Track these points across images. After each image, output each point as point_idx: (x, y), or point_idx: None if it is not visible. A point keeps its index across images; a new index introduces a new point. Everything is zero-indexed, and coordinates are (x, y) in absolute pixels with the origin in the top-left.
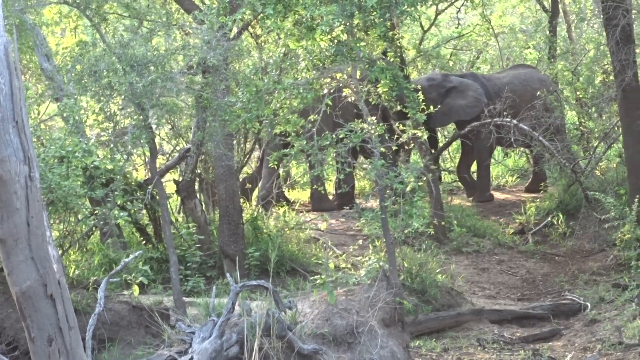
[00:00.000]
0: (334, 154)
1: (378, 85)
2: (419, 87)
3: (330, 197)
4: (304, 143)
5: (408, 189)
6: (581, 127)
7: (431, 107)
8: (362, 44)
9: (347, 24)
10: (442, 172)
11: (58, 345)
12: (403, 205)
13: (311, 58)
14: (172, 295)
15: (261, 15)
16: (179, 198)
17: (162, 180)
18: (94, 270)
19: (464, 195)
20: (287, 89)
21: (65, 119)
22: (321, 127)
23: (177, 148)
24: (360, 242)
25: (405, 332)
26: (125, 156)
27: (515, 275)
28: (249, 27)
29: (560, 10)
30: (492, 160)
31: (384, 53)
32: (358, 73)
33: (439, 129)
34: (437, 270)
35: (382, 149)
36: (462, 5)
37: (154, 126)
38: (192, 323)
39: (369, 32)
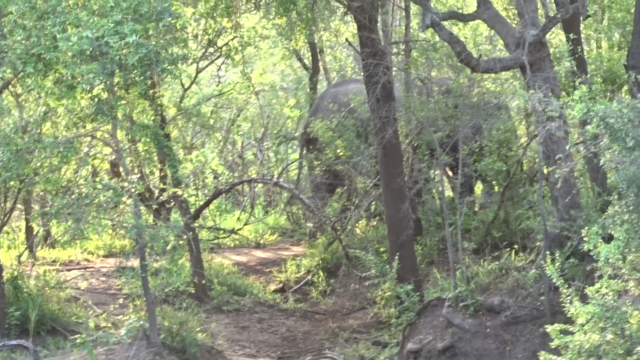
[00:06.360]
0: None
1: (138, 144)
2: None
3: None
4: (64, 202)
5: (169, 247)
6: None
7: None
8: (123, 102)
9: (108, 82)
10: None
11: None
12: (164, 263)
13: (71, 117)
14: None
15: (22, 73)
16: None
17: None
18: None
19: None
20: (47, 148)
21: None
22: None
23: None
24: (121, 300)
25: None
26: None
27: (276, 334)
28: (10, 86)
29: (321, 68)
30: (253, 218)
31: None
32: (119, 132)
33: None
34: (198, 329)
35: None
36: (223, 63)
37: None
38: None
39: (129, 91)
